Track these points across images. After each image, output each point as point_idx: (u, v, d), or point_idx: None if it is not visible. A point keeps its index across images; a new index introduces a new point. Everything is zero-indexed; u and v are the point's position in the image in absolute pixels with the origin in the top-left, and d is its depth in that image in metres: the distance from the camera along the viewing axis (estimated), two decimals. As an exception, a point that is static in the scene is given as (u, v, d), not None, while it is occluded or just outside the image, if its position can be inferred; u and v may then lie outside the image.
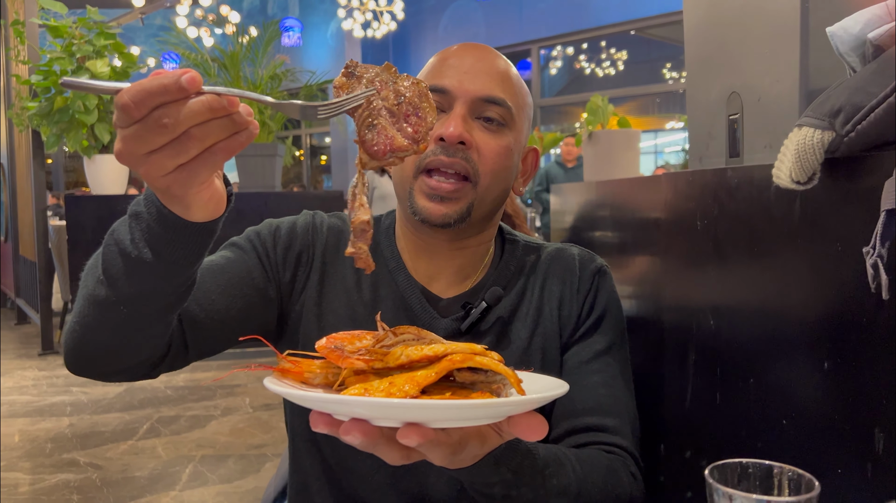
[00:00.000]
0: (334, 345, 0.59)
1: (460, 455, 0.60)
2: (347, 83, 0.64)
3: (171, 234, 0.67)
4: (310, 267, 1.02)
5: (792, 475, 0.51)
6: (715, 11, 1.15)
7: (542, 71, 11.00)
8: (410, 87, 0.65)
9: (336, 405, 0.55)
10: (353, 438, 0.55)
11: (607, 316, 1.03)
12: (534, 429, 0.58)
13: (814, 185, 0.73)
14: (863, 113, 0.63)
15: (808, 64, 0.87)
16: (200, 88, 0.53)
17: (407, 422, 0.54)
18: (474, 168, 0.92)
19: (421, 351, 0.57)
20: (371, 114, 0.63)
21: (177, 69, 0.53)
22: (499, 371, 0.58)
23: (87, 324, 0.76)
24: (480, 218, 0.97)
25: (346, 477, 0.99)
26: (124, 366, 0.83)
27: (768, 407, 0.89)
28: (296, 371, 0.60)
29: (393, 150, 0.63)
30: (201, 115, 0.53)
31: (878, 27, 0.66)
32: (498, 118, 0.94)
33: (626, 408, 0.98)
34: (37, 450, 3.45)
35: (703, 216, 1.07)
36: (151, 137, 0.54)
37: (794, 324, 0.85)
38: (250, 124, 0.57)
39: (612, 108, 2.61)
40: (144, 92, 0.52)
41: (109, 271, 0.71)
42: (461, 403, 0.53)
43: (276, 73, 6.19)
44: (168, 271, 0.70)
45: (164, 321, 0.78)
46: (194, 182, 0.59)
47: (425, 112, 0.65)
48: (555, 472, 0.78)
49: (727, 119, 1.09)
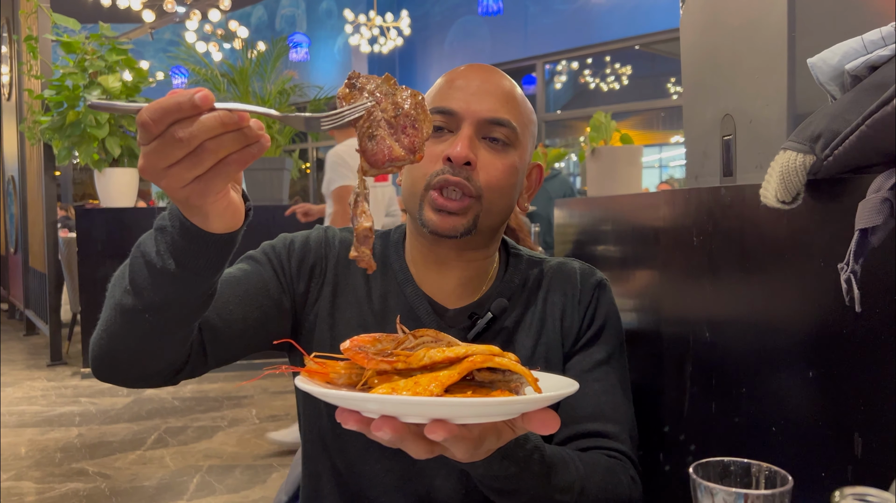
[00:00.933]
0: (358, 347, 0.64)
1: (479, 449, 0.64)
2: (350, 94, 0.68)
3: (193, 245, 0.72)
4: (323, 279, 1.06)
5: (769, 472, 0.55)
6: (709, 38, 1.21)
7: (546, 86, 11.07)
8: (408, 99, 0.69)
9: (372, 404, 0.59)
10: (383, 434, 0.59)
11: (607, 327, 1.07)
12: (547, 424, 0.62)
13: (798, 204, 0.78)
14: (839, 139, 0.68)
15: (796, 90, 0.92)
16: (213, 105, 0.58)
17: (434, 419, 0.59)
18: (477, 187, 0.96)
19: (443, 353, 0.61)
20: (371, 125, 0.67)
21: (191, 88, 0.58)
22: (516, 370, 0.62)
23: (114, 331, 0.81)
24: (485, 231, 1.01)
25: (356, 480, 1.03)
26: (147, 373, 0.87)
27: (759, 413, 0.94)
28: (322, 372, 0.65)
29: (391, 159, 0.67)
30: (214, 130, 0.58)
31: (855, 59, 0.71)
32: (503, 139, 0.98)
33: (626, 415, 1.02)
34: (46, 459, 3.50)
35: (699, 232, 1.12)
36: (170, 151, 0.58)
37: (781, 336, 0.89)
38: (261, 137, 0.61)
39: (615, 125, 2.66)
40: (161, 110, 0.57)
41: (136, 281, 0.76)
42: (486, 401, 0.58)
43: (284, 87, 6.28)
44: (190, 281, 0.75)
45: (185, 329, 0.83)
46: (210, 192, 0.64)
47: (421, 124, 0.69)
48: (559, 470, 0.83)
49: (721, 139, 1.14)
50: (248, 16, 13.68)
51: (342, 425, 0.62)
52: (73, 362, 5.71)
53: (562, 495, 0.83)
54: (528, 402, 0.60)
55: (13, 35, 6.69)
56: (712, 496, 0.53)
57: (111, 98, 4.93)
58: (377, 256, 1.10)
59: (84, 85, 4.91)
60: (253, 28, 13.03)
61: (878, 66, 0.70)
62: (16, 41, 6.52)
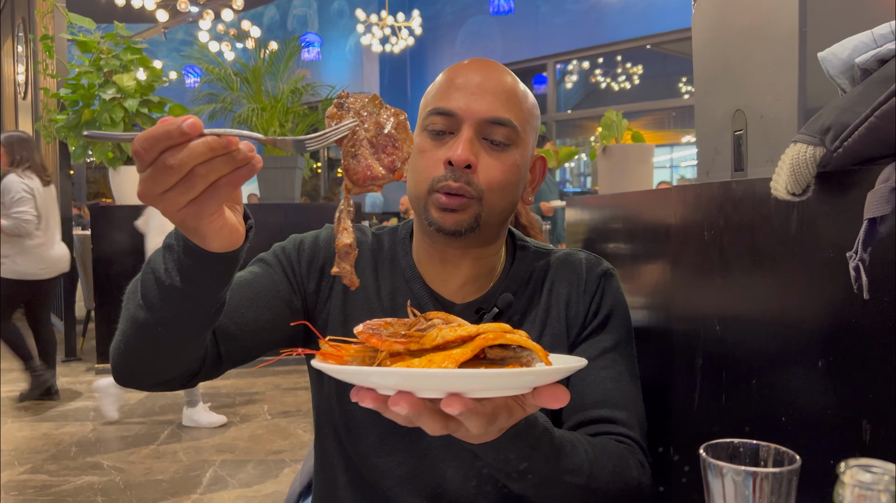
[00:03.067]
0: (371, 330, 0.66)
1: (492, 426, 0.65)
2: (338, 114, 0.71)
3: (197, 263, 0.75)
4: (333, 277, 1.08)
5: (777, 452, 0.57)
6: (721, 34, 1.22)
7: (557, 85, 11.07)
8: (390, 118, 0.71)
9: (390, 377, 0.60)
10: (400, 409, 0.61)
11: (613, 315, 1.08)
12: (557, 398, 0.64)
13: (808, 196, 0.79)
14: (848, 131, 0.69)
15: (806, 85, 0.93)
16: (201, 132, 0.60)
17: (450, 393, 0.60)
18: (478, 189, 0.97)
19: (455, 332, 0.63)
20: (354, 144, 0.70)
21: (180, 117, 0.60)
22: (527, 346, 0.64)
23: (130, 342, 0.85)
24: (489, 228, 1.02)
25: (369, 472, 1.05)
26: (164, 378, 0.90)
27: (768, 405, 0.95)
28: (336, 355, 0.67)
29: (372, 178, 0.70)
30: (203, 155, 0.60)
31: (865, 53, 0.73)
32: (503, 139, 0.99)
33: (634, 402, 1.03)
34: (62, 453, 3.54)
35: (710, 227, 1.13)
36: (163, 178, 0.61)
37: (791, 327, 0.90)
38: (251, 159, 0.63)
39: (627, 123, 2.67)
40: (152, 139, 0.59)
41: (147, 296, 0.79)
42: (501, 372, 0.59)
43: (296, 87, 6.31)
44: (197, 296, 0.78)
45: (197, 339, 0.86)
46: (204, 214, 0.66)
47: (402, 143, 0.71)
48: (569, 452, 0.84)
49: (732, 135, 1.15)
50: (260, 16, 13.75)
51: (359, 404, 0.63)
52: (88, 358, 5.77)
53: (571, 477, 0.84)
54: (541, 374, 0.62)
55: (29, 34, 6.77)
56: (722, 475, 0.54)
57: (125, 97, 4.98)
58: (385, 253, 1.11)
59: (99, 83, 4.97)
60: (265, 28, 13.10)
61: (888, 60, 0.71)
62: (32, 40, 6.59)
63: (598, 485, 0.87)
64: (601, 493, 0.88)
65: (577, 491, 0.85)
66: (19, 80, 7.67)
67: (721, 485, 0.55)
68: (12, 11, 8.00)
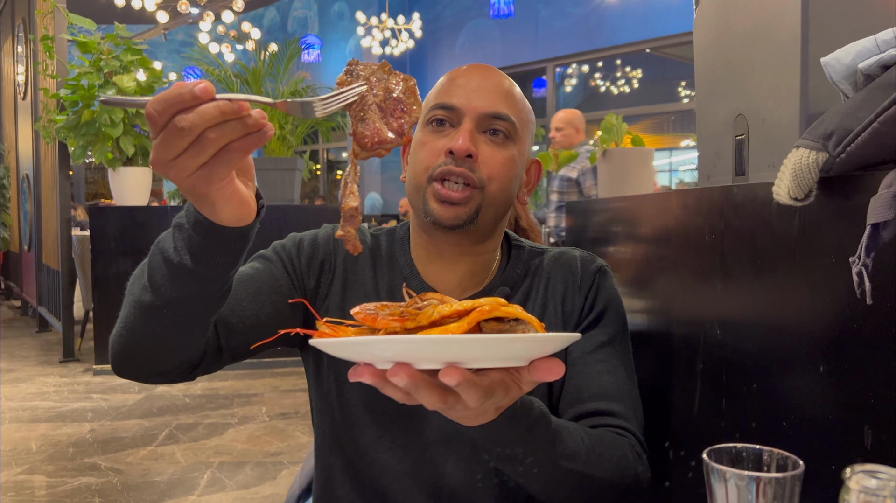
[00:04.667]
0: (367, 311, 0.66)
1: (488, 402, 0.65)
2: (347, 80, 0.72)
3: (208, 240, 0.75)
4: (332, 274, 1.10)
5: (780, 457, 0.57)
6: (722, 38, 1.22)
7: (557, 88, 11.07)
8: (400, 83, 0.72)
9: (391, 346, 0.60)
10: (399, 380, 0.60)
11: (608, 311, 1.10)
12: (552, 370, 0.64)
13: (810, 201, 0.79)
14: (851, 136, 0.69)
15: (808, 90, 0.93)
16: (213, 96, 0.61)
17: (448, 363, 0.60)
18: (479, 177, 0.99)
19: (451, 307, 0.63)
20: (363, 108, 0.70)
21: (192, 81, 0.61)
22: (523, 317, 0.64)
23: (133, 328, 0.84)
24: (487, 222, 1.03)
25: (368, 469, 1.06)
26: (165, 368, 0.90)
27: (769, 409, 0.95)
28: (334, 335, 0.67)
29: (380, 141, 0.70)
30: (214, 118, 0.61)
31: (867, 58, 0.73)
32: (503, 131, 1.02)
33: (630, 394, 1.04)
34: (59, 454, 3.54)
35: (711, 231, 1.13)
36: (174, 142, 0.62)
37: (792, 332, 0.90)
38: (263, 126, 0.64)
39: (626, 127, 2.68)
40: (164, 102, 0.61)
41: (154, 278, 0.79)
42: (498, 337, 0.59)
43: (296, 88, 6.32)
44: (206, 277, 0.78)
45: (202, 324, 0.86)
46: (214, 178, 0.67)
47: (410, 107, 0.72)
48: (564, 437, 0.85)
49: (734, 139, 1.16)
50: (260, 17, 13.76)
51: (360, 380, 0.63)
52: (86, 359, 5.76)
53: (567, 462, 0.84)
54: (537, 340, 0.62)
55: (29, 35, 6.77)
56: (725, 480, 0.54)
57: (126, 97, 4.97)
58: (384, 251, 1.12)
59: (99, 84, 4.97)
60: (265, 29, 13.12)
61: (891, 66, 0.72)
62: (31, 41, 6.60)
63: (594, 472, 0.88)
64: (597, 481, 0.89)
65: (574, 477, 0.86)
66: (19, 80, 7.67)
67: (724, 490, 0.55)
68: (12, 11, 8.01)
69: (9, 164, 8.71)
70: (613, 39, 9.94)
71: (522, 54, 10.81)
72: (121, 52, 5.10)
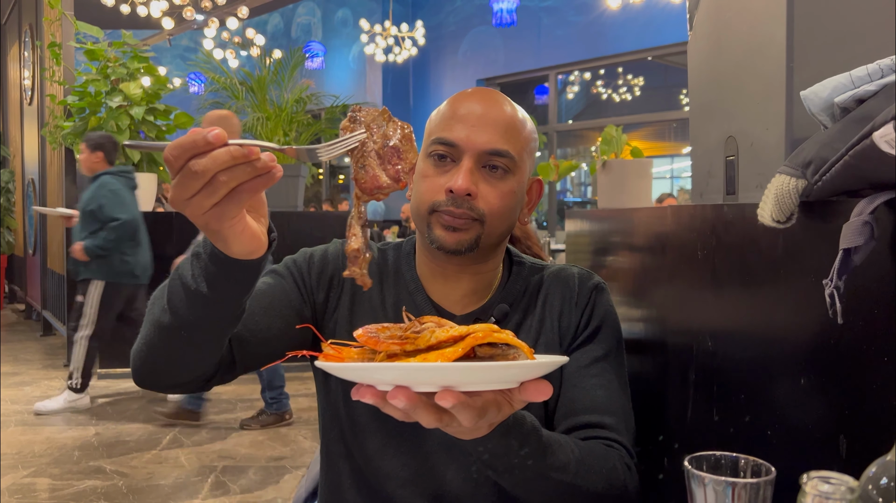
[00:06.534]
0: (369, 333, 0.71)
1: (481, 420, 0.71)
2: (351, 126, 0.78)
3: (222, 270, 0.81)
4: (341, 289, 1.15)
5: (754, 464, 0.62)
6: (714, 64, 1.28)
7: (559, 96, 11.12)
8: (397, 131, 0.78)
9: (391, 372, 0.66)
10: (398, 402, 0.67)
11: (604, 327, 1.14)
12: (541, 391, 0.70)
13: (792, 223, 0.84)
14: (827, 166, 0.74)
15: (794, 116, 0.98)
16: (225, 141, 0.67)
17: (444, 387, 0.66)
18: (480, 212, 1.04)
19: (447, 332, 0.68)
20: (363, 155, 0.76)
21: (206, 128, 0.67)
22: (514, 343, 0.69)
23: (153, 345, 0.91)
24: (488, 247, 1.09)
25: (373, 475, 1.11)
26: (182, 381, 0.97)
27: (756, 418, 1.00)
28: (338, 357, 0.72)
29: (378, 187, 0.77)
30: (225, 162, 0.67)
31: (843, 93, 0.78)
32: (502, 167, 1.06)
33: (622, 408, 1.09)
34: (65, 457, 3.58)
35: (703, 247, 1.18)
36: (189, 183, 0.67)
37: (777, 345, 0.95)
38: (272, 168, 0.70)
39: (626, 138, 2.73)
40: (180, 147, 0.66)
41: (173, 301, 0.85)
42: (490, 364, 0.66)
43: (301, 96, 6.38)
44: (220, 302, 0.84)
45: (216, 344, 0.92)
46: (225, 217, 0.73)
47: (406, 154, 0.78)
48: (555, 450, 0.89)
49: (725, 160, 1.21)
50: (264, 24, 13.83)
51: (361, 400, 0.69)
52: (89, 363, 5.80)
53: (558, 474, 0.89)
54: (526, 366, 0.68)
55: (36, 41, 6.84)
56: (703, 485, 0.59)
57: (132, 104, 5.04)
58: (390, 266, 1.18)
59: (106, 91, 5.03)
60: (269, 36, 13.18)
61: (864, 100, 0.77)
62: (38, 47, 6.66)
63: (584, 483, 0.92)
64: (587, 492, 0.93)
65: (565, 488, 0.91)
66: (25, 86, 7.74)
67: (703, 494, 0.60)
68: (19, 18, 8.08)
69: (14, 169, 8.78)
70: (615, 47, 9.99)
71: (524, 62, 10.86)
72: (127, 59, 5.17)
